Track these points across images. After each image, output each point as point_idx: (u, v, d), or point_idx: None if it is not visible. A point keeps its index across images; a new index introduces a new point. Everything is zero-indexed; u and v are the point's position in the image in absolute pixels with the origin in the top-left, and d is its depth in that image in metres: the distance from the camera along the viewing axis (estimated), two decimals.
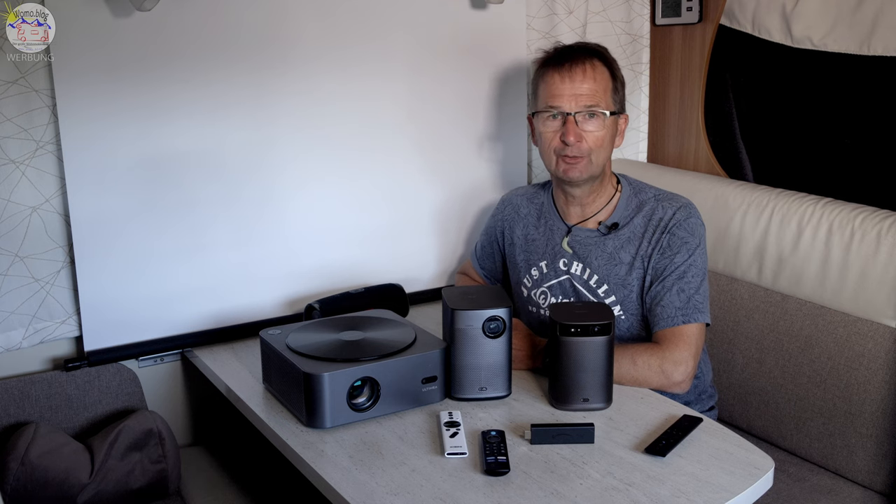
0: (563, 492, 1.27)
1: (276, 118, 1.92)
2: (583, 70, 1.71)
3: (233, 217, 1.90)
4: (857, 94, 1.90)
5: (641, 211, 1.76)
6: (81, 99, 1.70)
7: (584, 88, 1.70)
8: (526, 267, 1.88)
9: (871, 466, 1.71)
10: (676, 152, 2.29)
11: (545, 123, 1.74)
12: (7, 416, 1.70)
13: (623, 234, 1.75)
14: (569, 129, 1.70)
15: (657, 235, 1.71)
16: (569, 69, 1.71)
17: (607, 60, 1.75)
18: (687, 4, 2.20)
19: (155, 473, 1.69)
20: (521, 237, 1.91)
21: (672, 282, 1.67)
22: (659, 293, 1.68)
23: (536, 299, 1.86)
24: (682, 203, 1.74)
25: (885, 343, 1.68)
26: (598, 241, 1.77)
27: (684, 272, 1.67)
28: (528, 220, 1.91)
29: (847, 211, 1.79)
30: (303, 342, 1.55)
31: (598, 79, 1.71)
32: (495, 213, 2.02)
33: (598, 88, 1.71)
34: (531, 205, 1.92)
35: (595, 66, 1.72)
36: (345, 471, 1.34)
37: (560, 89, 1.71)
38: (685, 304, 1.65)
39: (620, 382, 1.59)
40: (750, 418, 1.94)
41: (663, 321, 1.66)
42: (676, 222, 1.70)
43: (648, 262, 1.71)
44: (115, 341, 1.82)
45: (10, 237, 1.70)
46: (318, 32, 1.93)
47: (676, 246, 1.69)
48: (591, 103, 1.70)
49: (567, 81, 1.70)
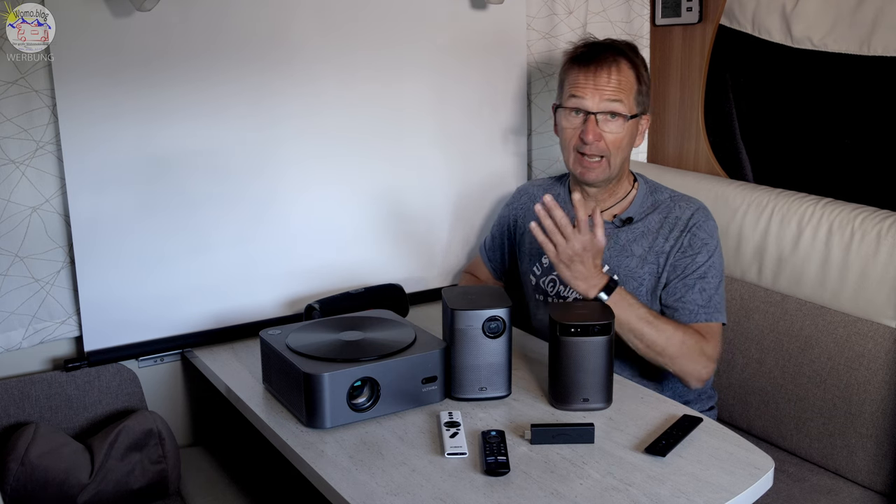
0: (563, 492, 1.27)
1: (276, 119, 1.91)
2: (608, 72, 1.72)
3: (232, 217, 1.90)
4: (857, 94, 1.90)
5: (657, 209, 1.78)
6: (81, 99, 1.70)
7: (607, 90, 1.71)
8: (537, 255, 1.90)
9: (871, 466, 1.71)
10: (676, 152, 2.29)
11: (567, 119, 1.76)
12: (7, 417, 1.70)
13: (637, 228, 1.77)
14: (588, 128, 1.71)
15: (675, 233, 1.73)
16: (594, 70, 1.72)
17: (634, 62, 1.76)
18: (687, 4, 2.20)
19: (155, 473, 1.69)
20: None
21: (694, 280, 1.69)
22: (679, 290, 1.70)
23: (545, 287, 1.87)
24: (698, 205, 1.77)
25: (885, 343, 1.68)
26: (611, 232, 1.79)
27: (705, 272, 1.70)
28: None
29: (847, 211, 1.79)
30: (303, 342, 1.55)
31: (622, 81, 1.72)
32: (510, 202, 2.04)
33: (622, 91, 1.72)
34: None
35: (621, 67, 1.73)
36: (345, 471, 1.34)
37: (584, 88, 1.72)
38: (707, 302, 1.68)
39: (655, 352, 1.61)
40: (750, 418, 1.94)
41: (685, 317, 1.68)
42: (696, 223, 1.73)
43: (666, 259, 1.73)
44: (115, 341, 1.82)
45: (10, 237, 1.70)
46: (318, 33, 1.93)
47: (697, 246, 1.71)
48: (613, 106, 1.72)
49: (591, 81, 1.72)
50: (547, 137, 2.28)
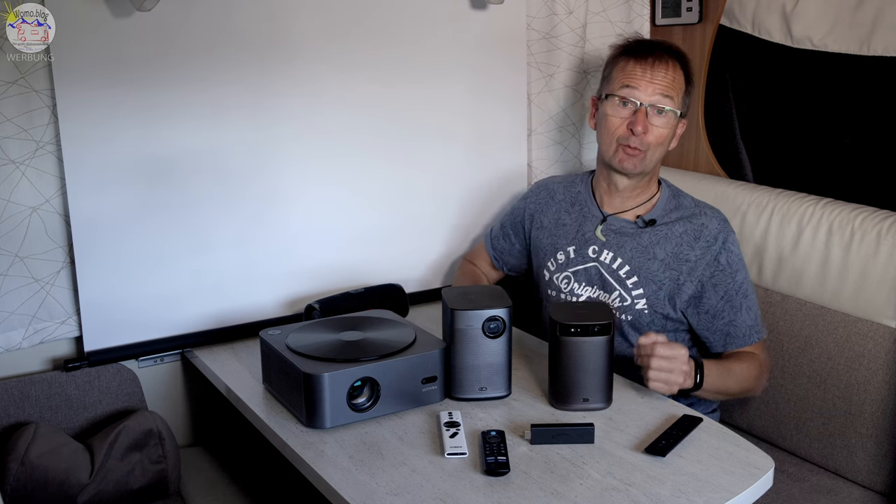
0: (563, 492, 1.27)
1: (277, 119, 1.91)
2: (665, 66, 1.74)
3: (233, 217, 1.90)
4: (857, 94, 1.90)
5: (679, 213, 1.79)
6: (81, 99, 1.70)
7: (662, 83, 1.73)
8: (552, 251, 1.90)
9: (871, 466, 1.71)
10: (676, 152, 2.29)
11: (614, 108, 1.76)
12: (7, 417, 1.70)
13: (660, 230, 1.78)
14: (639, 118, 1.72)
15: (702, 243, 1.73)
16: (651, 63, 1.74)
17: (686, 64, 1.78)
18: (687, 5, 2.20)
19: (155, 473, 1.69)
20: (551, 221, 1.92)
21: (740, 301, 1.72)
22: (728, 313, 1.72)
23: (558, 283, 1.87)
24: (722, 216, 1.78)
25: (885, 343, 1.68)
26: (634, 232, 1.79)
27: (746, 291, 1.73)
28: (561, 206, 1.93)
29: (847, 211, 1.79)
30: (303, 342, 1.55)
31: (676, 79, 1.75)
32: (527, 195, 2.04)
33: (675, 86, 1.75)
34: (567, 192, 1.94)
35: (675, 66, 1.76)
36: (345, 471, 1.34)
37: (640, 78, 1.73)
38: (755, 321, 1.73)
39: (737, 396, 1.73)
40: (750, 418, 1.94)
41: (741, 340, 1.72)
42: (727, 238, 1.74)
43: (692, 269, 1.73)
44: (115, 341, 1.82)
45: (10, 237, 1.70)
46: (319, 33, 1.93)
47: (735, 264, 1.73)
48: (664, 101, 1.73)
49: (648, 72, 1.73)
50: (547, 137, 2.28)
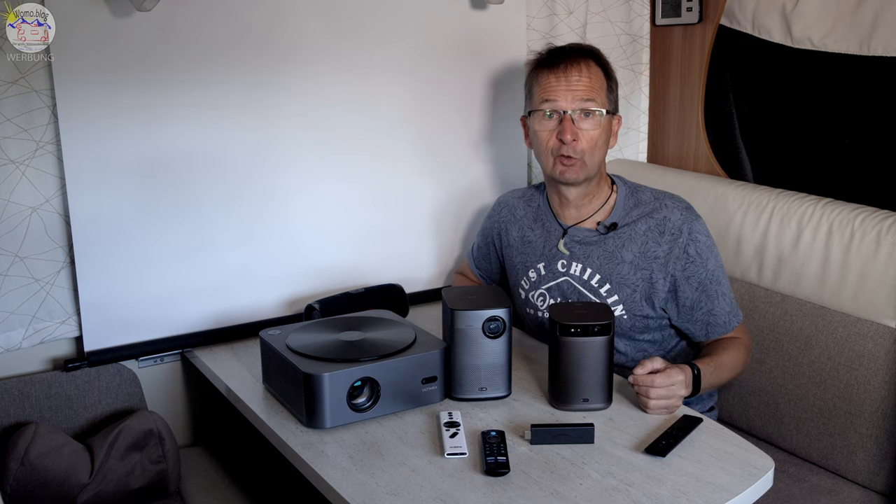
0: (563, 492, 1.27)
1: (277, 119, 1.91)
2: (578, 69, 1.72)
3: (233, 217, 1.90)
4: (857, 94, 1.90)
5: (640, 210, 1.76)
6: (81, 99, 1.70)
7: (579, 87, 1.71)
8: (523, 269, 1.88)
9: (871, 466, 1.71)
10: (676, 152, 2.30)
11: (541, 123, 1.74)
12: (7, 416, 1.70)
13: (623, 233, 1.75)
14: (566, 126, 1.70)
15: (667, 238, 1.71)
16: (564, 69, 1.72)
17: (601, 60, 1.76)
18: (687, 5, 2.20)
19: (155, 473, 1.69)
20: (517, 239, 1.91)
21: (714, 289, 1.72)
22: (705, 303, 1.72)
23: (535, 301, 1.85)
24: (684, 204, 1.76)
25: (885, 343, 1.68)
26: (598, 239, 1.77)
27: (719, 277, 1.73)
28: (523, 223, 1.91)
29: (847, 211, 1.79)
30: (303, 342, 1.55)
31: (592, 77, 1.72)
32: (491, 214, 2.02)
33: (594, 87, 1.72)
34: (528, 207, 1.92)
35: (590, 65, 1.73)
36: (345, 471, 1.34)
37: (556, 88, 1.71)
38: (731, 306, 1.74)
39: (729, 381, 1.74)
40: (750, 418, 1.94)
41: (722, 328, 1.74)
42: (692, 227, 1.72)
43: (663, 265, 1.71)
44: (115, 341, 1.82)
45: (10, 237, 1.70)
46: (318, 33, 1.93)
47: (704, 253, 1.72)
48: (587, 104, 1.71)
49: (563, 80, 1.71)
50: None
